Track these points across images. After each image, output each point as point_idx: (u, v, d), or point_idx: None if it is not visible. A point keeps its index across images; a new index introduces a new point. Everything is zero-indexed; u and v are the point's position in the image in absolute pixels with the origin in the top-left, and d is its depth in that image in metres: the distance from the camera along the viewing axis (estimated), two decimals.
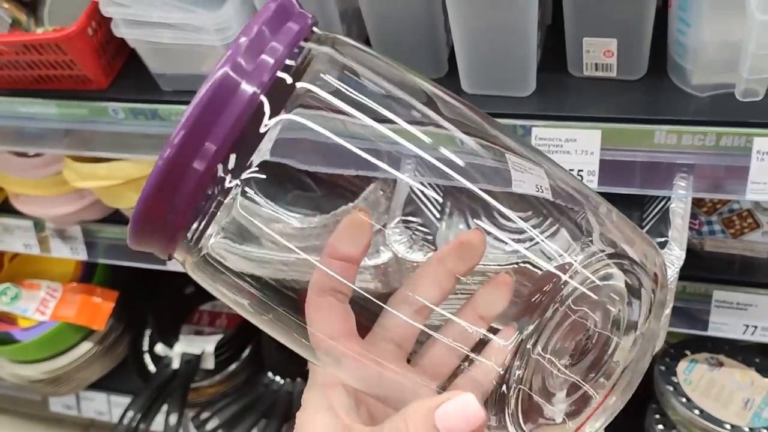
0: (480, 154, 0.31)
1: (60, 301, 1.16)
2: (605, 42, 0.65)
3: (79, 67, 0.76)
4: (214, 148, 0.26)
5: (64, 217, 1.00)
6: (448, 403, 0.28)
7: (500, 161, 0.32)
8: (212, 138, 0.26)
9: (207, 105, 0.25)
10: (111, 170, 0.86)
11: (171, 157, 0.25)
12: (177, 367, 1.14)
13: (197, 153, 0.26)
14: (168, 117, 0.78)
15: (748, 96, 0.59)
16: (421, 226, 0.75)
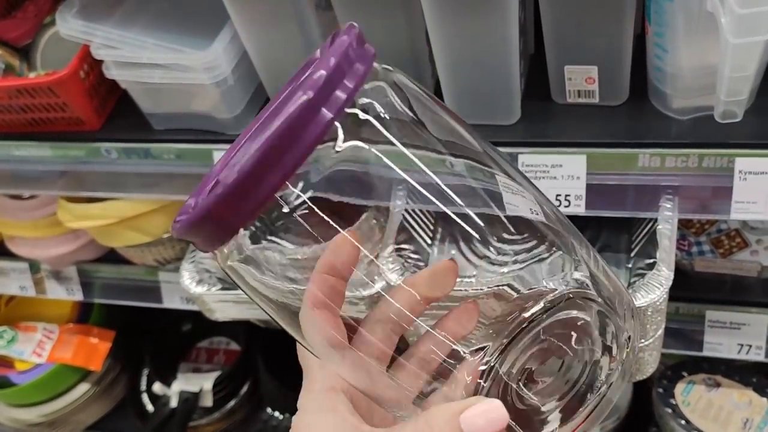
0: (472, 178, 0.33)
1: (56, 342, 1.15)
2: (586, 69, 0.66)
3: (72, 109, 0.78)
4: (292, 163, 0.27)
5: (59, 258, 1.00)
6: (475, 407, 0.29)
7: (491, 183, 0.33)
8: (291, 154, 0.27)
9: (292, 123, 0.27)
10: (105, 210, 0.86)
11: (250, 166, 0.26)
12: (175, 405, 1.13)
13: (276, 165, 0.27)
14: (160, 155, 0.79)
15: (727, 117, 0.61)
16: (413, 253, 0.76)
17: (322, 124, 0.27)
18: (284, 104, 0.31)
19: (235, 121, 0.76)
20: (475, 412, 0.29)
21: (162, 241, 0.92)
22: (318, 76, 0.27)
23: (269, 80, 0.74)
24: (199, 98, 0.74)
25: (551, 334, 0.31)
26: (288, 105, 0.27)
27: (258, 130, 0.35)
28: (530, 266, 0.32)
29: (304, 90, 0.27)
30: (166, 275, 1.00)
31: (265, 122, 0.36)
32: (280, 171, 0.27)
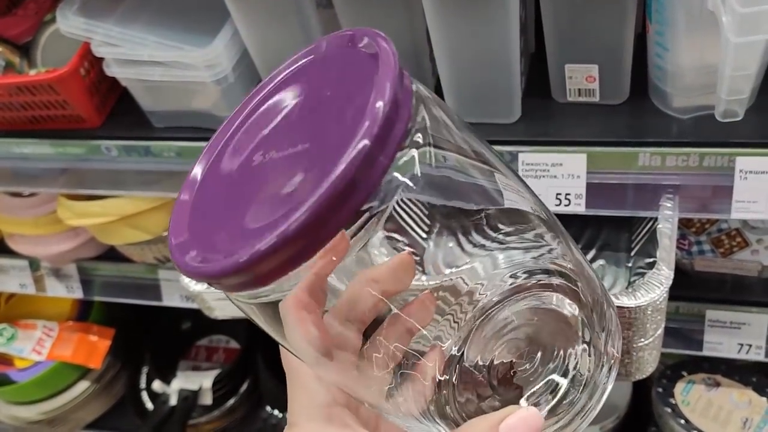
0: (472, 174, 0.32)
1: (56, 340, 1.15)
2: (587, 68, 0.66)
3: (72, 106, 0.78)
4: (344, 218, 0.25)
5: (59, 255, 1.00)
6: (513, 416, 0.29)
7: (491, 180, 0.32)
8: (345, 209, 0.25)
9: (349, 177, 0.24)
10: (105, 207, 0.86)
11: (299, 227, 0.24)
12: (174, 403, 1.13)
13: (327, 223, 0.25)
14: (160, 153, 0.79)
15: (727, 117, 0.61)
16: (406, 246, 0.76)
17: (378, 173, 0.25)
18: (320, 135, 0.28)
19: None
20: (514, 421, 0.29)
21: (162, 239, 0.92)
22: (376, 115, 0.25)
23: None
24: (200, 96, 0.74)
25: (523, 324, 0.31)
26: (343, 150, 0.25)
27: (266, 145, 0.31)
28: (489, 257, 0.32)
29: (363, 135, 0.25)
30: (165, 273, 1.00)
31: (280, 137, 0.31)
32: (330, 228, 0.25)
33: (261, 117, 0.32)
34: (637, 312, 0.62)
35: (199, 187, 0.31)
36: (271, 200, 0.27)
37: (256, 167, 0.30)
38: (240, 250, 0.25)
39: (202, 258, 0.27)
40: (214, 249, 0.27)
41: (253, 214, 0.27)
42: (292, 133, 0.30)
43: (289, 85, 0.33)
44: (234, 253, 0.25)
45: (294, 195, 0.26)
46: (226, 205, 0.29)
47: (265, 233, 0.25)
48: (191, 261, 0.28)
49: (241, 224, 0.27)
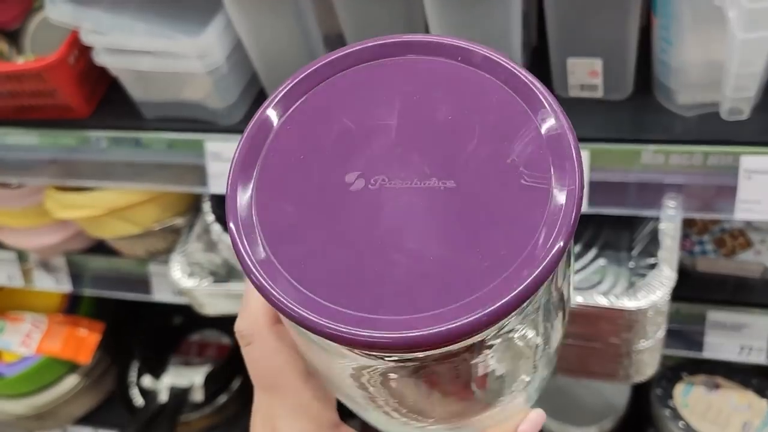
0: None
1: (45, 334, 1.14)
2: (590, 62, 0.65)
3: (61, 95, 0.76)
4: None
5: (47, 248, 0.98)
6: (525, 423, 0.33)
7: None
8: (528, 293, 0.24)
9: (546, 274, 0.23)
10: (93, 200, 0.84)
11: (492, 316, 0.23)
12: (165, 400, 1.11)
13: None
14: (151, 145, 0.77)
15: (732, 115, 0.59)
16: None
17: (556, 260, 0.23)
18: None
19: (228, 111, 0.74)
20: (528, 426, 0.32)
21: (152, 233, 0.90)
22: (567, 214, 0.23)
23: (264, 69, 0.72)
24: (192, 87, 0.72)
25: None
26: (539, 248, 0.22)
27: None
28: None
29: (559, 234, 0.23)
30: (156, 267, 0.98)
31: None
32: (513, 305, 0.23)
33: (351, 103, 0.26)
34: (637, 314, 0.61)
35: (274, 179, 0.25)
36: (408, 257, 0.23)
37: (361, 192, 0.24)
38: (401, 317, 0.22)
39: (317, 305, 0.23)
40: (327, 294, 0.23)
41: (377, 261, 0.23)
42: (413, 158, 0.24)
43: (380, 79, 0.27)
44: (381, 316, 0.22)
45: (454, 268, 0.23)
46: (326, 231, 0.24)
47: (461, 318, 0.22)
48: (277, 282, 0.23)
49: (361, 269, 0.23)
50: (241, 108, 0.75)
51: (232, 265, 0.87)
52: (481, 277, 0.22)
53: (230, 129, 0.75)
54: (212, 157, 0.76)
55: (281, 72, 0.71)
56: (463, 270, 0.23)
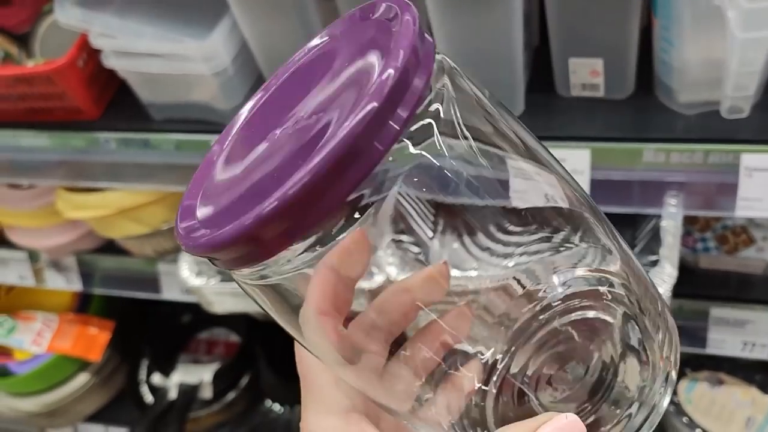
0: (481, 164, 0.29)
1: (56, 332, 1.15)
2: (591, 62, 0.65)
3: (70, 98, 0.77)
4: (352, 181, 0.23)
5: (58, 247, 1.00)
6: (549, 425, 0.27)
7: (500, 168, 0.29)
8: (353, 171, 0.23)
9: (358, 135, 0.23)
10: (103, 200, 0.86)
11: (308, 183, 0.23)
12: (174, 397, 1.13)
13: (334, 184, 0.23)
14: (159, 146, 0.78)
15: (733, 113, 0.60)
16: (412, 245, 0.75)
17: (389, 138, 0.23)
18: (329, 103, 0.26)
19: (235, 112, 0.75)
20: (551, 429, 0.26)
21: (161, 233, 0.91)
22: (387, 76, 0.23)
23: (270, 71, 0.73)
24: (199, 88, 0.73)
25: (568, 335, 0.29)
26: (350, 111, 0.23)
27: (272, 123, 0.29)
28: (543, 259, 0.29)
29: (372, 96, 0.23)
30: (165, 266, 1.00)
31: (279, 114, 0.30)
32: (336, 191, 0.23)
33: (282, 93, 0.31)
34: None
35: (223, 158, 0.29)
36: (282, 169, 0.25)
37: (277, 139, 0.28)
38: (241, 218, 0.23)
39: (203, 230, 0.26)
40: (218, 221, 0.26)
41: (263, 183, 0.25)
42: (313, 106, 0.27)
43: (308, 64, 0.31)
44: (234, 222, 0.24)
45: (300, 163, 0.24)
46: (241, 179, 0.27)
47: (269, 199, 0.23)
48: (191, 232, 0.26)
49: (248, 195, 0.25)
50: None
51: None
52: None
53: None
54: None
55: None
56: (304, 166, 0.23)
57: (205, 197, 0.28)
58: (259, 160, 0.27)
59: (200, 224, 0.26)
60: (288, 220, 0.23)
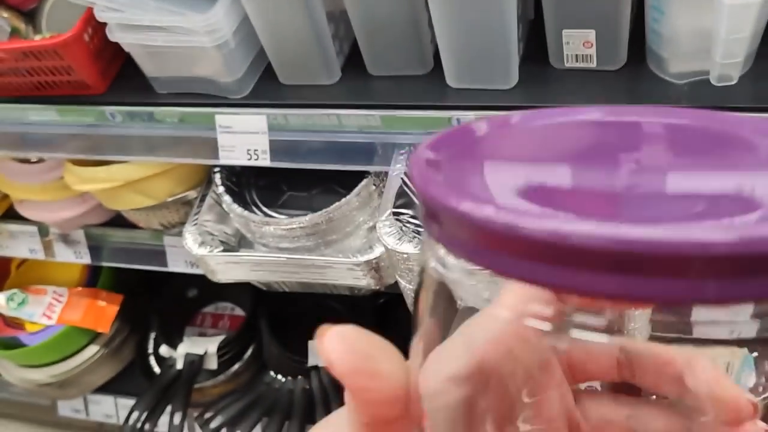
0: None
1: (66, 305, 1.18)
2: (584, 33, 0.67)
3: (77, 72, 0.79)
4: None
5: (67, 221, 1.02)
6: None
7: None
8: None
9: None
10: (110, 173, 0.88)
11: None
12: (181, 367, 1.15)
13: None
14: (163, 119, 0.80)
15: (722, 81, 0.61)
16: (411, 218, 0.77)
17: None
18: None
19: (237, 85, 0.77)
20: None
21: (166, 205, 0.93)
22: None
23: (270, 44, 0.74)
24: (202, 62, 0.75)
25: None
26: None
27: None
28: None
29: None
30: (171, 239, 1.02)
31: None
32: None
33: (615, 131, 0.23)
34: None
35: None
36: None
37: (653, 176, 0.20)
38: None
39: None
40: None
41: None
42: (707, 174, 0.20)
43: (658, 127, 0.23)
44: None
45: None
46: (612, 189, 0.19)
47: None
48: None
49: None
50: (249, 82, 0.78)
51: (242, 235, 0.90)
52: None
53: (239, 103, 0.77)
54: (222, 130, 0.79)
55: (287, 46, 0.74)
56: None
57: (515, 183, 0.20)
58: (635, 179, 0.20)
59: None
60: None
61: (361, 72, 0.76)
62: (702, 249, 0.14)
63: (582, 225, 0.15)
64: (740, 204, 0.17)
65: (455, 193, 0.17)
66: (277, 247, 0.85)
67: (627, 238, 0.14)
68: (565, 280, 0.15)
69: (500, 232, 0.16)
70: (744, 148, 0.21)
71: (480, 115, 0.70)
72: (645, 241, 0.14)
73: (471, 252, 0.17)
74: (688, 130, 0.23)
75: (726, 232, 0.14)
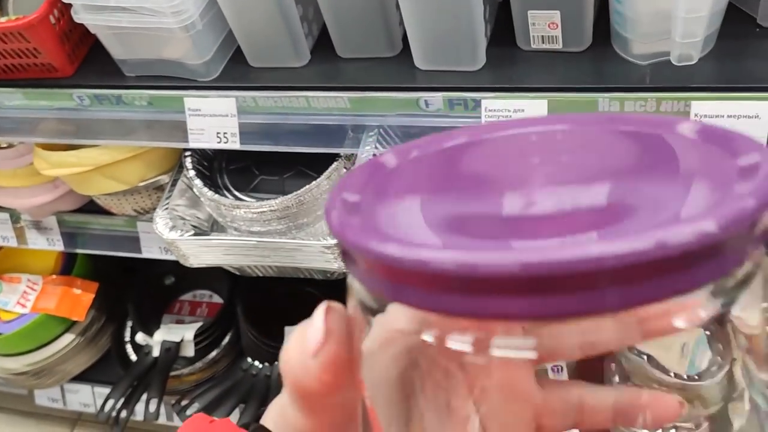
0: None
1: (40, 293, 1.17)
2: (549, 14, 0.67)
3: (44, 54, 0.78)
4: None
5: (38, 207, 1.02)
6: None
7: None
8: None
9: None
10: (80, 157, 0.87)
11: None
12: (157, 355, 1.15)
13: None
14: (132, 102, 0.80)
15: (683, 60, 0.61)
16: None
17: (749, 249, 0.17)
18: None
19: (206, 68, 0.77)
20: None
21: (138, 190, 0.93)
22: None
23: (238, 25, 0.74)
24: (169, 44, 0.75)
25: None
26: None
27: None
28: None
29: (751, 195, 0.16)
30: (144, 225, 1.02)
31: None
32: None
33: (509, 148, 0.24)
34: None
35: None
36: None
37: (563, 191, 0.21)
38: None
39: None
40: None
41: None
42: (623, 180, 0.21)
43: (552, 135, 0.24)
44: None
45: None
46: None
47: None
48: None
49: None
50: (218, 64, 0.78)
51: (215, 220, 0.90)
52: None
53: (208, 85, 0.77)
54: (191, 113, 0.78)
55: (255, 28, 0.74)
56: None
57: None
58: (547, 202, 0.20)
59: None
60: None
61: (331, 54, 0.76)
62: (600, 262, 0.14)
63: (484, 254, 0.15)
64: (626, 211, 0.18)
65: (368, 235, 0.18)
66: (248, 231, 0.85)
67: (530, 262, 0.15)
68: (477, 309, 0.16)
69: (408, 268, 0.16)
70: (630, 149, 0.22)
71: (448, 97, 0.70)
72: (547, 263, 0.15)
73: (385, 289, 0.18)
74: (576, 134, 0.23)
75: (631, 242, 0.15)
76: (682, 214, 0.15)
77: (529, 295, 0.15)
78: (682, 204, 0.15)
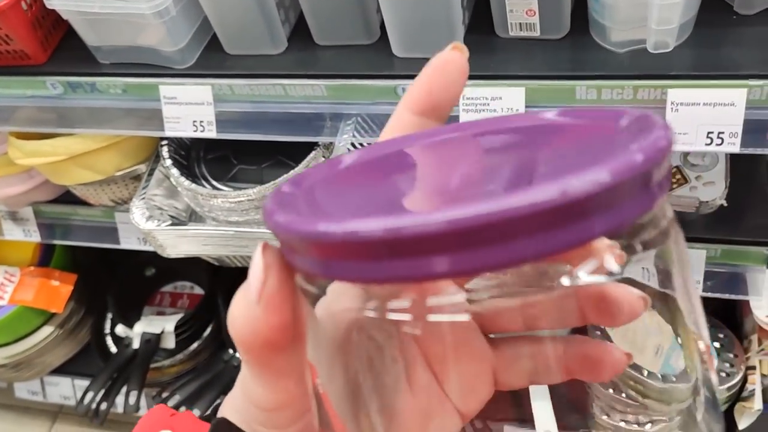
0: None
1: (18, 285, 1.16)
2: (527, 1, 0.66)
3: (16, 41, 0.77)
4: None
5: (13, 198, 1.00)
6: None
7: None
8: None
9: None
10: (54, 146, 0.86)
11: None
12: (137, 347, 1.14)
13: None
14: (106, 90, 0.79)
15: (659, 48, 0.61)
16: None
17: (651, 200, 0.19)
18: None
19: (181, 55, 0.75)
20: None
21: (115, 180, 0.92)
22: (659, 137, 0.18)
23: (213, 12, 0.73)
24: (143, 31, 0.73)
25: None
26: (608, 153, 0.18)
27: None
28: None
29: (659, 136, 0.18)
30: (122, 216, 1.01)
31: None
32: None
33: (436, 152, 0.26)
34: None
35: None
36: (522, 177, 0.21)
37: (471, 171, 0.24)
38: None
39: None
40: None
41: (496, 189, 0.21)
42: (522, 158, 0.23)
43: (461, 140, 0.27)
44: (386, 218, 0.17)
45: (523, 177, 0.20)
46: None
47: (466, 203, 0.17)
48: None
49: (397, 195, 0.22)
50: (194, 52, 0.77)
51: (193, 210, 0.89)
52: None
53: (184, 73, 0.76)
54: (167, 101, 0.77)
55: (230, 15, 0.73)
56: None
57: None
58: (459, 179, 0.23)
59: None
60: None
61: (308, 42, 0.75)
62: (515, 211, 0.16)
63: (409, 217, 0.16)
64: (537, 177, 0.21)
65: (300, 218, 0.19)
66: (226, 221, 0.84)
67: (453, 218, 0.16)
68: (408, 271, 0.17)
69: (339, 241, 0.17)
70: (557, 140, 0.25)
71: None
72: (469, 217, 0.16)
73: (319, 268, 0.19)
74: (498, 131, 0.27)
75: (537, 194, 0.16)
76: (584, 171, 0.17)
77: (456, 251, 0.16)
78: (586, 166, 0.17)
